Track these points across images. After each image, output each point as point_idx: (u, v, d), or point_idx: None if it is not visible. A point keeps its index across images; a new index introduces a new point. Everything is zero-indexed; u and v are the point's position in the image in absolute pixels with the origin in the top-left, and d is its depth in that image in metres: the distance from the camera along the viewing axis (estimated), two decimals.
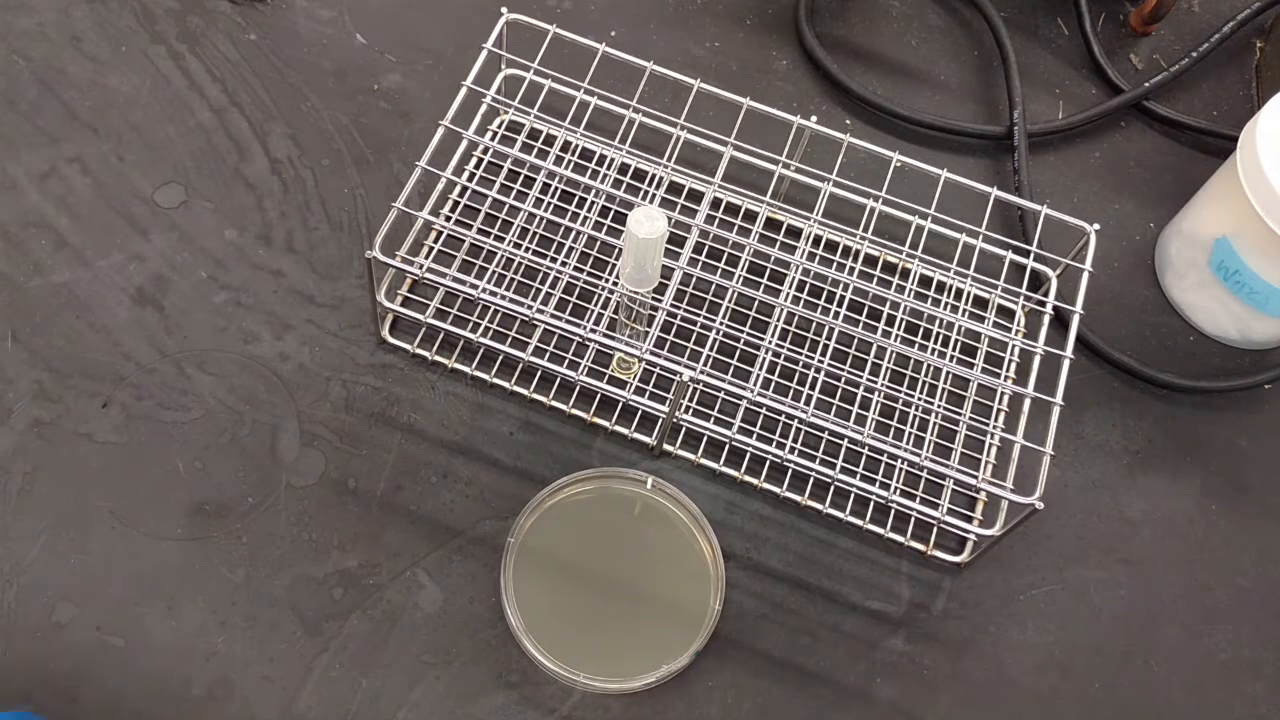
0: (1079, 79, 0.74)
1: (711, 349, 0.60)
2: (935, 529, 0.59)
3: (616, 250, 0.64)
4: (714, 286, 0.64)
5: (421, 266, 0.55)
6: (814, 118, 0.60)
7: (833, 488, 0.59)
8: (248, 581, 0.55)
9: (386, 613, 0.55)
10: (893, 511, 0.59)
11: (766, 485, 0.59)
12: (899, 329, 0.64)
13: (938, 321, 0.64)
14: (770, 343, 0.56)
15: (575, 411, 0.60)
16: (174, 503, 0.56)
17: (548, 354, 0.61)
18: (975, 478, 0.53)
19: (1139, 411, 0.64)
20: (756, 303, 0.63)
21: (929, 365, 0.63)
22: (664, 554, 0.58)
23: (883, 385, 0.57)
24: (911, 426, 0.61)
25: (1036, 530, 0.60)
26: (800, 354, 0.58)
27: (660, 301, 0.54)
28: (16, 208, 0.62)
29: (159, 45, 0.68)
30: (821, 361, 0.60)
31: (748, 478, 0.59)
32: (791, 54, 0.73)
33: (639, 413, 0.60)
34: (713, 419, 0.60)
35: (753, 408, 0.60)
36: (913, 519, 0.59)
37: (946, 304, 0.65)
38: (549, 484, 0.58)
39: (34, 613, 0.53)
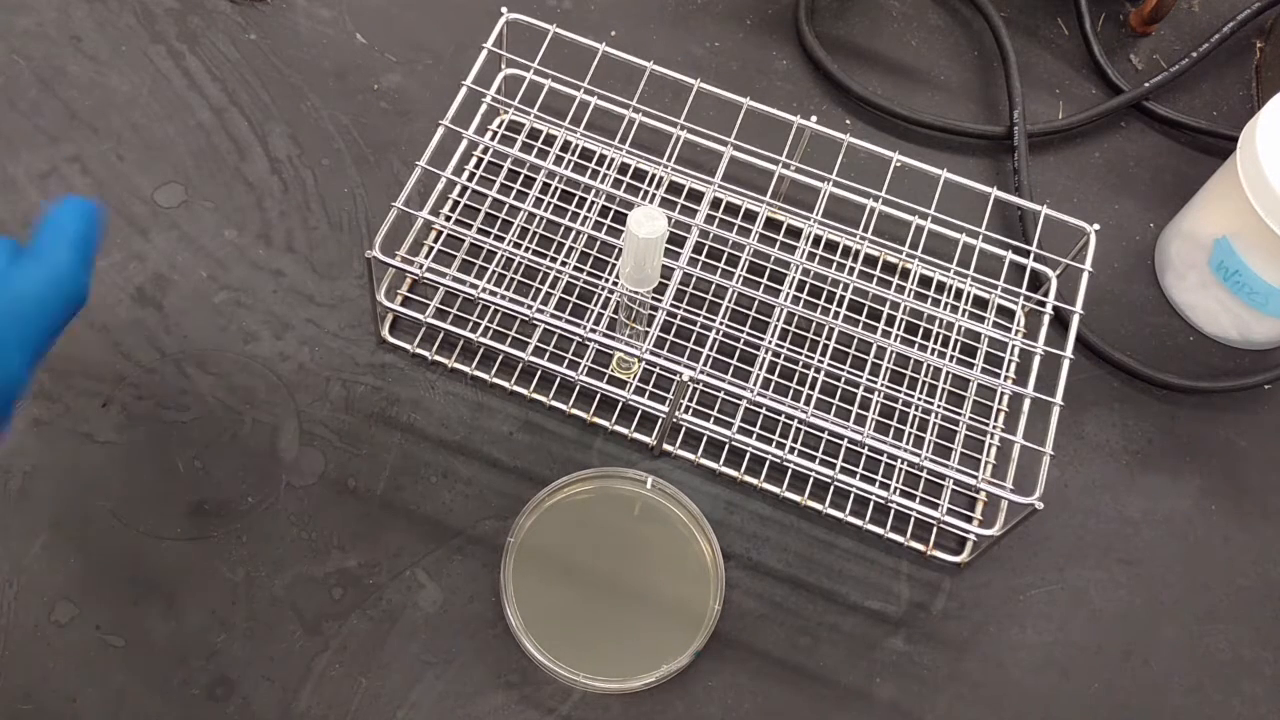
0: (1079, 79, 0.74)
1: (711, 349, 0.60)
2: (935, 529, 0.59)
3: (616, 250, 0.64)
4: (714, 286, 0.64)
5: (421, 266, 0.55)
6: (814, 118, 0.60)
7: (832, 488, 0.59)
8: (248, 581, 0.55)
9: (386, 612, 0.55)
10: (892, 511, 0.59)
11: (766, 485, 0.59)
12: (899, 329, 0.63)
13: (938, 321, 0.64)
14: (770, 343, 0.56)
15: (575, 411, 0.60)
16: (174, 502, 0.56)
17: (548, 354, 0.61)
18: (975, 478, 0.53)
19: (1139, 411, 0.64)
20: (756, 303, 0.63)
21: (929, 365, 0.63)
22: (664, 554, 0.58)
23: (883, 385, 0.57)
24: (911, 427, 0.61)
25: (1036, 530, 0.60)
26: (800, 354, 0.58)
27: (660, 301, 0.54)
28: (16, 208, 0.62)
29: (159, 45, 0.68)
30: (821, 361, 0.60)
31: (748, 478, 0.59)
32: (791, 54, 0.73)
33: (639, 413, 0.60)
34: (712, 419, 0.60)
35: (753, 408, 0.60)
36: (912, 519, 0.59)
37: (946, 304, 0.65)
38: (549, 484, 0.58)
39: (34, 613, 0.53)
